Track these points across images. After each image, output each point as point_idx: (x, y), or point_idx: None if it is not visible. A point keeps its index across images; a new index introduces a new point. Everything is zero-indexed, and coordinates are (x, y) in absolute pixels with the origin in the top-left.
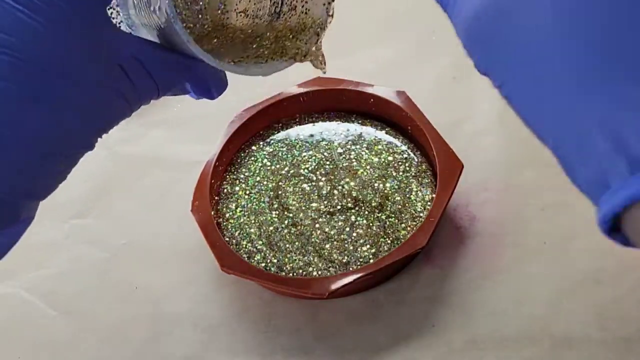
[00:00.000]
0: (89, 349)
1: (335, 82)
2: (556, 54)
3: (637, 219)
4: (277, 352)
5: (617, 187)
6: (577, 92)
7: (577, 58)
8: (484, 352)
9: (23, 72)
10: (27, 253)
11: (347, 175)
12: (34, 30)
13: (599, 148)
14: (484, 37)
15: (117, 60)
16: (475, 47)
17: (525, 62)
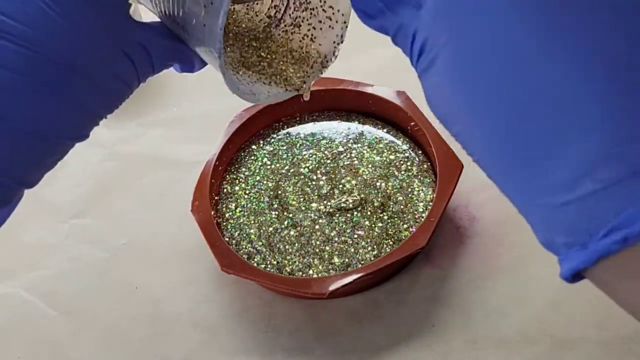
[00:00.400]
0: (89, 349)
1: (335, 82)
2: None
3: (592, 277)
4: (277, 352)
5: (562, 256)
6: (508, 177)
7: (498, 145)
8: (484, 352)
9: (33, 64)
10: (27, 253)
11: (349, 174)
12: (50, 20)
13: (536, 224)
14: (447, 114)
15: (123, 47)
16: (445, 124)
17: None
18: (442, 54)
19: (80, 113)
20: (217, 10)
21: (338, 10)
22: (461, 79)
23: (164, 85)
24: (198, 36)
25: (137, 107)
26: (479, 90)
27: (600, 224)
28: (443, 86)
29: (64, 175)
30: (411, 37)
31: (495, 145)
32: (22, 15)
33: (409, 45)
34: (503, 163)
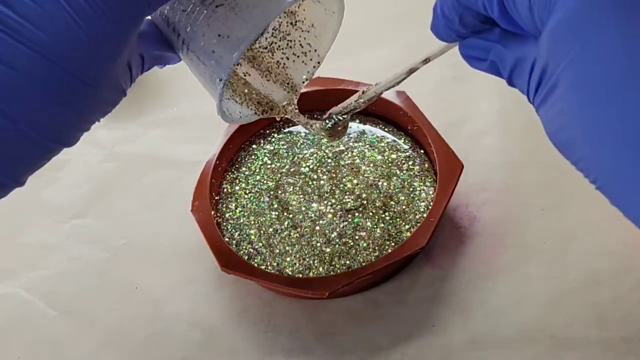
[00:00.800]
0: (89, 348)
1: (335, 82)
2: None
3: None
4: (277, 352)
5: None
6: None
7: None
8: (484, 352)
9: (49, 73)
10: (27, 253)
11: (350, 174)
12: (75, 36)
13: None
14: (569, 144)
15: (128, 60)
16: (566, 152)
17: (603, 170)
18: (563, 78)
19: (80, 121)
20: (234, 47)
21: (315, 50)
22: (583, 102)
23: (164, 85)
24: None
25: (137, 108)
26: (603, 114)
27: None
28: (563, 113)
29: (64, 176)
30: (529, 68)
31: (626, 170)
32: (47, 25)
33: (527, 77)
34: (635, 187)
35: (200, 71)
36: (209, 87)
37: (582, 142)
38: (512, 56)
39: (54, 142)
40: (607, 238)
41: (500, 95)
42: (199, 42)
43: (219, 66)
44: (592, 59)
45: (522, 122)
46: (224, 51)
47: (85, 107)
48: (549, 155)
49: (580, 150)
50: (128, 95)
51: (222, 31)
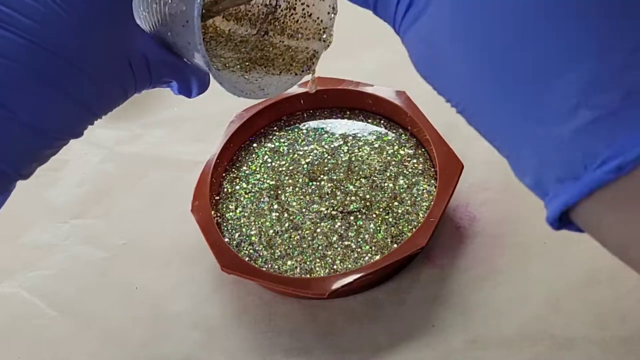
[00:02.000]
0: (89, 349)
1: (336, 82)
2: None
3: (582, 215)
4: (277, 352)
5: (551, 194)
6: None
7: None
8: (484, 352)
9: (36, 57)
10: (27, 253)
11: (351, 174)
12: (57, 16)
13: (529, 162)
14: (434, 66)
15: (127, 54)
16: (428, 75)
17: (468, 86)
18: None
19: (77, 111)
20: (192, 3)
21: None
22: (457, 15)
23: None
24: (184, 42)
25: (137, 108)
26: (475, 22)
27: (594, 155)
28: (434, 32)
29: (64, 176)
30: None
31: (488, 80)
32: (30, 10)
33: (394, 5)
34: (495, 98)
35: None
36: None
37: (448, 62)
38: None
39: (54, 132)
40: None
41: None
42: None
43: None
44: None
45: None
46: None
47: (83, 97)
48: None
49: (446, 73)
50: None
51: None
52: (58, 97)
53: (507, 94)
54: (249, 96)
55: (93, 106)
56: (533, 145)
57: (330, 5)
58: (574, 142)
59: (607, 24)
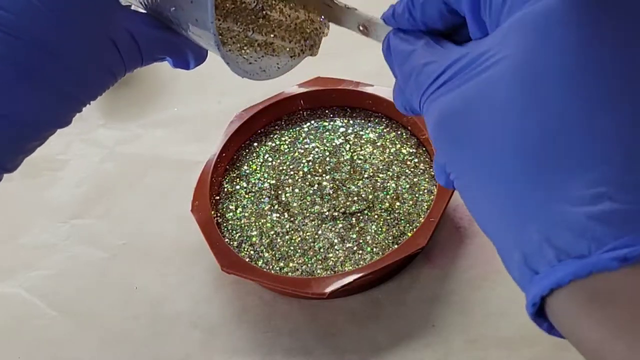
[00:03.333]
0: (89, 349)
1: (336, 82)
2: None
3: (558, 306)
4: (277, 352)
5: (544, 273)
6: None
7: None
8: (484, 352)
9: (14, 49)
10: (27, 253)
11: (352, 175)
12: (33, 7)
13: (532, 238)
14: (447, 137)
15: (109, 34)
16: (438, 144)
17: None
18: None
19: (61, 100)
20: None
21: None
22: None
23: (164, 85)
24: (189, 18)
25: (137, 108)
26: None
27: (603, 241)
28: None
29: (64, 176)
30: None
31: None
32: (6, 1)
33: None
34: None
35: (205, 43)
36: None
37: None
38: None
39: (37, 122)
40: None
41: None
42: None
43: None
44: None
45: None
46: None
47: (66, 86)
48: None
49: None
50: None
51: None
52: (39, 89)
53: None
54: (252, 76)
55: (78, 94)
56: (540, 222)
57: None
58: (586, 226)
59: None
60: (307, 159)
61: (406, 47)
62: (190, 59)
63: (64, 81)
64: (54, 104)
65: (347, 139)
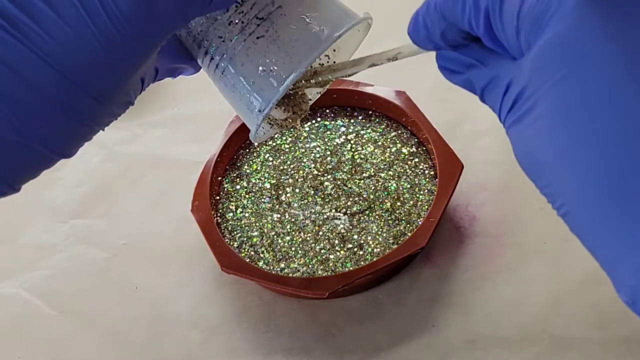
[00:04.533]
0: (89, 349)
1: (336, 82)
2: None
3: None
4: (277, 352)
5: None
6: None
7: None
8: (484, 352)
9: (59, 85)
10: (27, 253)
11: (353, 175)
12: (91, 50)
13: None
14: (536, 168)
15: (142, 75)
16: (534, 175)
17: (575, 194)
18: (543, 101)
19: (86, 133)
20: (278, 81)
21: (334, 62)
22: (561, 127)
23: (164, 85)
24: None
25: (137, 108)
26: (580, 141)
27: None
28: (538, 136)
29: (64, 175)
30: (504, 87)
31: (597, 195)
32: (66, 39)
33: (501, 96)
34: (603, 214)
35: (234, 97)
36: (243, 114)
37: (553, 167)
38: (488, 74)
39: (57, 154)
40: None
41: None
42: (238, 71)
43: (261, 97)
44: (577, 86)
45: None
46: (266, 84)
47: (93, 122)
48: None
49: (550, 175)
50: None
51: (265, 64)
52: (71, 124)
53: (615, 212)
54: (255, 140)
55: (99, 126)
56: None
57: (318, 91)
58: None
59: None
60: (309, 158)
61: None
62: (185, 73)
63: (94, 117)
64: (78, 136)
65: (348, 139)
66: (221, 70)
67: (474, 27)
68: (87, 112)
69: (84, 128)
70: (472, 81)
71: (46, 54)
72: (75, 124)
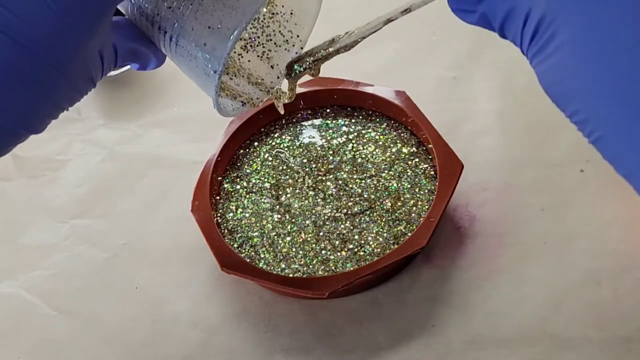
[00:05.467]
0: (89, 349)
1: (336, 82)
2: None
3: None
4: (277, 352)
5: None
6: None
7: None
8: (484, 352)
9: (17, 57)
10: (27, 253)
11: (355, 173)
12: (47, 18)
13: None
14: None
15: (100, 48)
16: (562, 104)
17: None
18: (564, 28)
19: (49, 107)
20: (225, 37)
21: (298, 36)
22: (586, 54)
23: (164, 85)
24: (196, 39)
25: (137, 108)
26: (607, 66)
27: None
28: (562, 64)
29: (64, 176)
30: (524, 17)
31: (626, 123)
32: (17, 7)
33: (521, 27)
34: (635, 135)
35: (191, 66)
36: (202, 81)
37: (582, 94)
38: (505, 6)
39: (20, 127)
40: (607, 238)
41: (500, 95)
42: (189, 36)
43: (213, 57)
44: (598, 8)
45: (522, 122)
46: (216, 42)
47: (53, 93)
48: (549, 155)
49: (579, 103)
50: (128, 95)
51: (212, 23)
52: (32, 95)
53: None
54: (216, 107)
55: (63, 101)
56: None
57: (291, 57)
58: None
59: None
60: (310, 157)
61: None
62: (152, 63)
63: (56, 89)
64: (40, 111)
65: (349, 138)
66: (175, 42)
67: None
68: (48, 82)
69: (47, 101)
70: (488, 17)
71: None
72: (37, 95)
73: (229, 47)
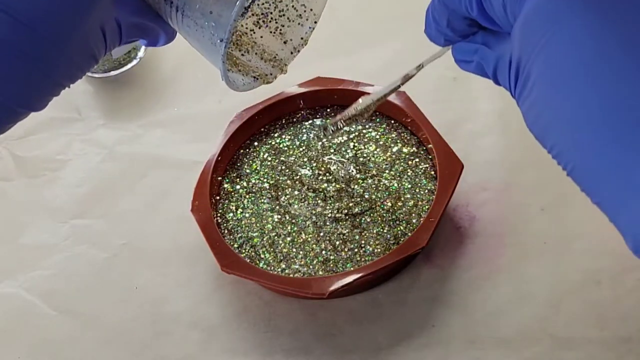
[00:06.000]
0: (89, 349)
1: (336, 82)
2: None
3: None
4: (277, 352)
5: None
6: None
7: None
8: (484, 352)
9: (13, 33)
10: (27, 253)
11: (357, 173)
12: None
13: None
14: (546, 130)
15: (101, 22)
16: (542, 140)
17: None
18: (534, 68)
19: (49, 84)
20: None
21: (311, 9)
22: (554, 90)
23: (164, 85)
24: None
25: (137, 108)
26: (573, 100)
27: None
28: (537, 101)
29: (64, 176)
30: (508, 64)
31: (594, 143)
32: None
33: (507, 73)
34: (605, 166)
35: (198, 37)
36: (210, 52)
37: (555, 128)
38: (494, 55)
39: (20, 105)
40: (607, 238)
41: (500, 95)
42: (195, 5)
43: (219, 25)
44: (560, 47)
45: (522, 122)
46: (222, 9)
47: (53, 70)
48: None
49: (554, 137)
50: (128, 95)
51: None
52: (31, 72)
53: (615, 162)
54: (228, 84)
55: (63, 78)
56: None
57: (305, 32)
58: None
59: None
60: (309, 164)
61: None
62: (161, 39)
63: (54, 66)
64: (40, 87)
65: (350, 138)
66: (182, 12)
67: (470, 10)
68: (47, 60)
69: (47, 78)
70: (483, 66)
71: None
72: (37, 73)
73: (234, 13)
